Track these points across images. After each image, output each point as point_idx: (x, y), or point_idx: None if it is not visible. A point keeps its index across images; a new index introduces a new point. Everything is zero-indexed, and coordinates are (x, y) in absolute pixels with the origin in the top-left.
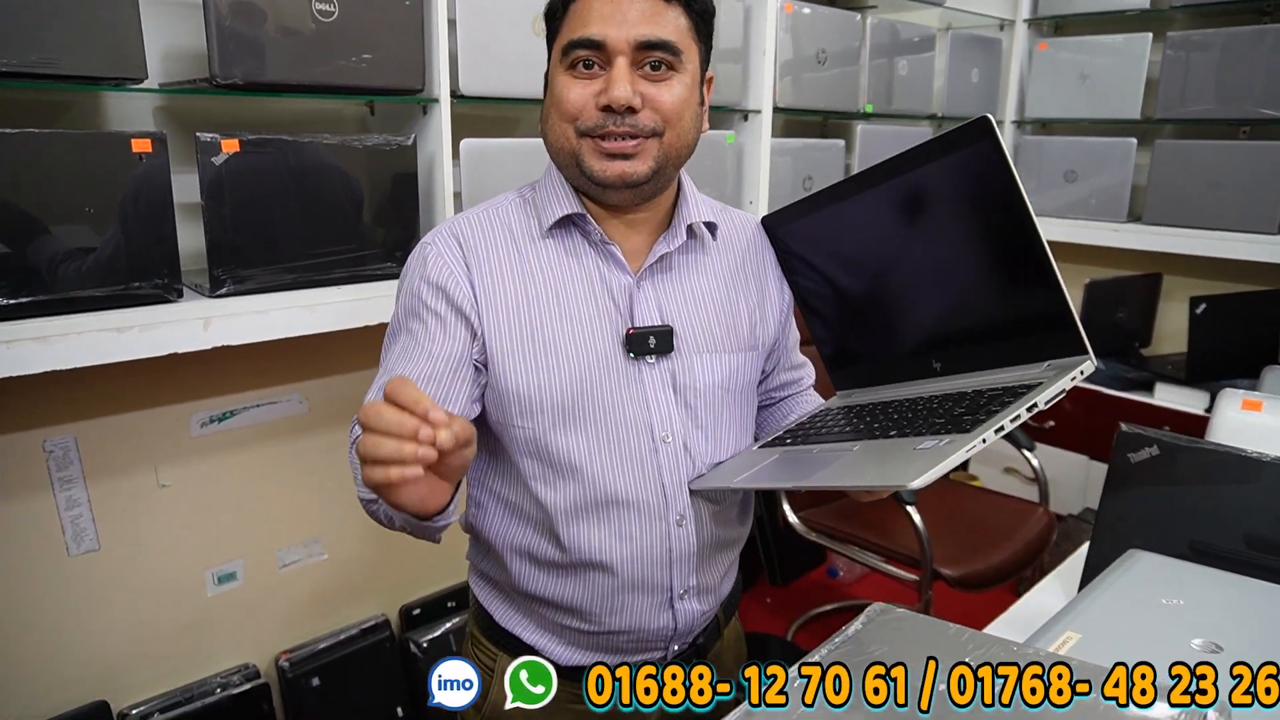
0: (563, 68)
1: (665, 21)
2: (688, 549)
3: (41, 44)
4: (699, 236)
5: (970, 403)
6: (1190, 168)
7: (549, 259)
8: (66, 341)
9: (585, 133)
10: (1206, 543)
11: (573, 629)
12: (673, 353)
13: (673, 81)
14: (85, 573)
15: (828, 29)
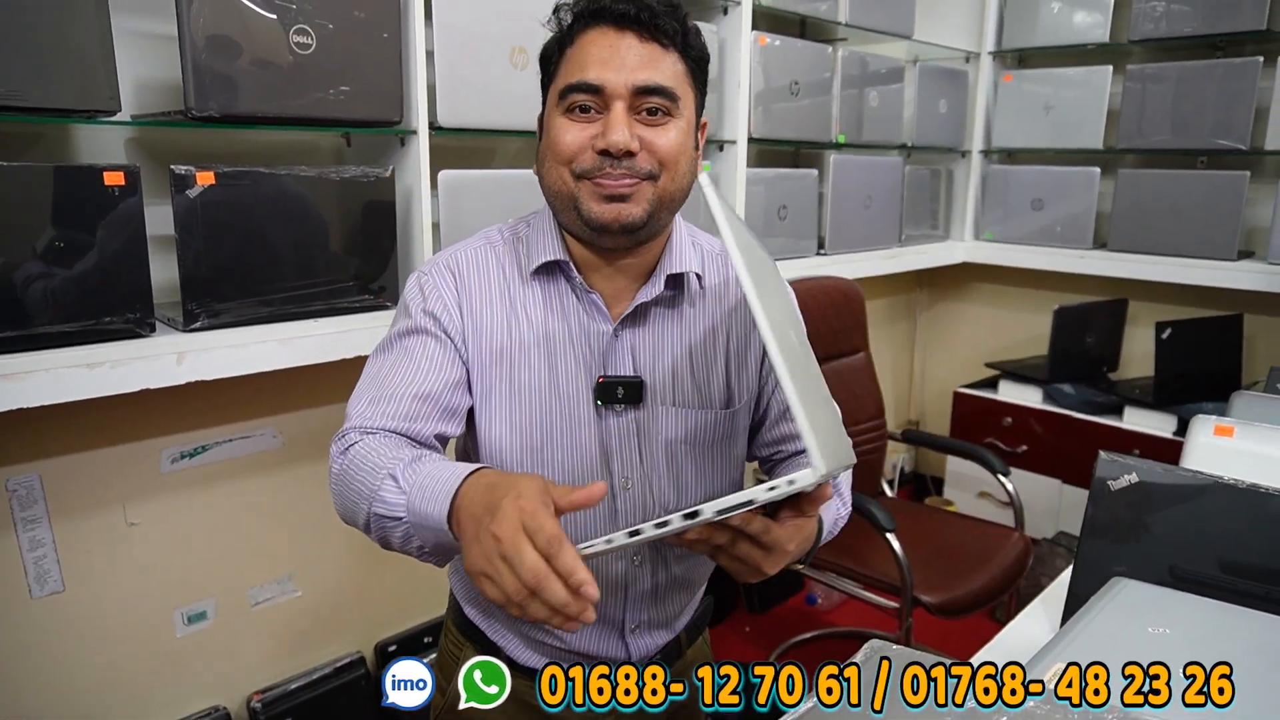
0: (559, 111)
1: (663, 67)
2: (643, 588)
3: (10, 76)
4: (685, 286)
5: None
6: (1152, 196)
7: (534, 302)
8: (34, 378)
9: (582, 175)
10: (1185, 568)
11: (533, 638)
12: (642, 404)
13: (669, 126)
14: (49, 615)
15: (800, 61)
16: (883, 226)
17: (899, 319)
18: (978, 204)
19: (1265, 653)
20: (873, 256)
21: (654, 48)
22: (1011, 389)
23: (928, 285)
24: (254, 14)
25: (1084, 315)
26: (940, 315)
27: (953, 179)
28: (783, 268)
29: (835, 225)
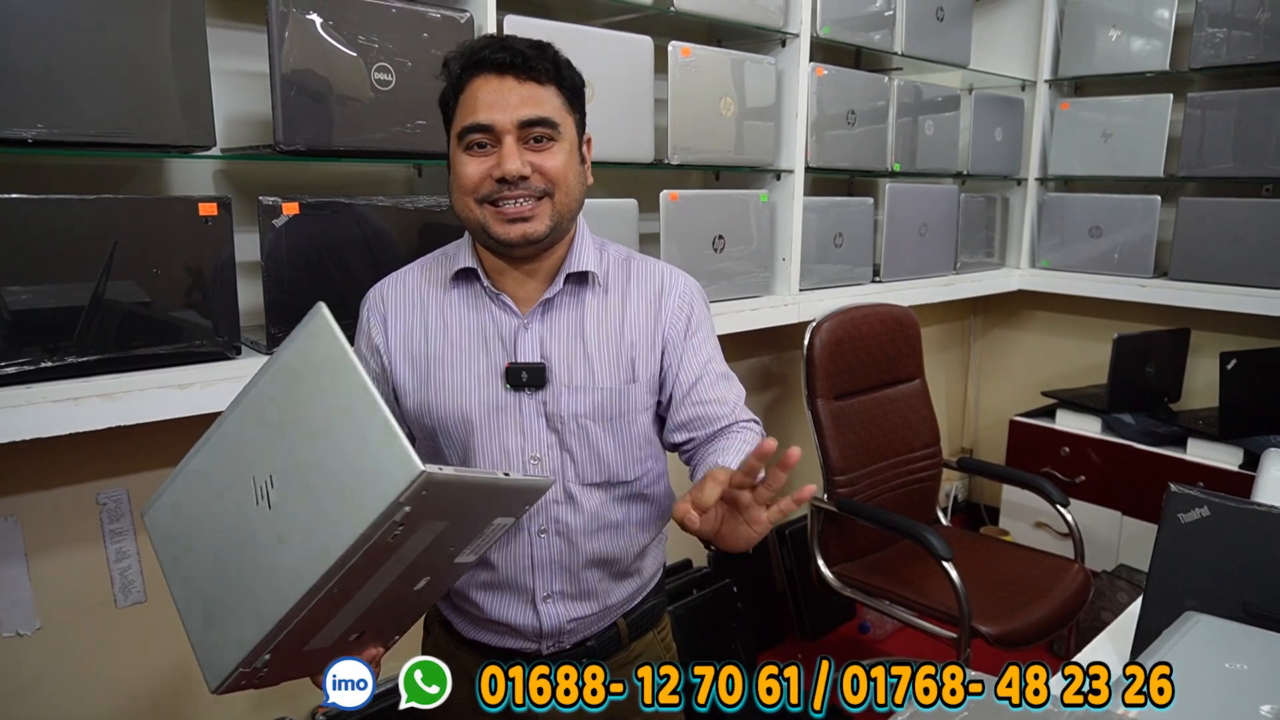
0: (460, 149)
1: (542, 101)
2: (548, 558)
3: (116, 115)
4: (587, 284)
5: None
6: (1214, 224)
7: (450, 307)
8: (129, 398)
9: (484, 200)
10: (1259, 605)
11: (469, 613)
12: (546, 385)
13: (554, 150)
14: (132, 624)
15: (856, 91)
16: (938, 254)
17: (953, 346)
18: (1034, 231)
19: None
20: (928, 284)
21: (532, 86)
22: (1069, 418)
23: (983, 312)
24: (339, 53)
25: (1144, 344)
26: (995, 342)
27: (1009, 206)
28: (838, 295)
29: (890, 253)
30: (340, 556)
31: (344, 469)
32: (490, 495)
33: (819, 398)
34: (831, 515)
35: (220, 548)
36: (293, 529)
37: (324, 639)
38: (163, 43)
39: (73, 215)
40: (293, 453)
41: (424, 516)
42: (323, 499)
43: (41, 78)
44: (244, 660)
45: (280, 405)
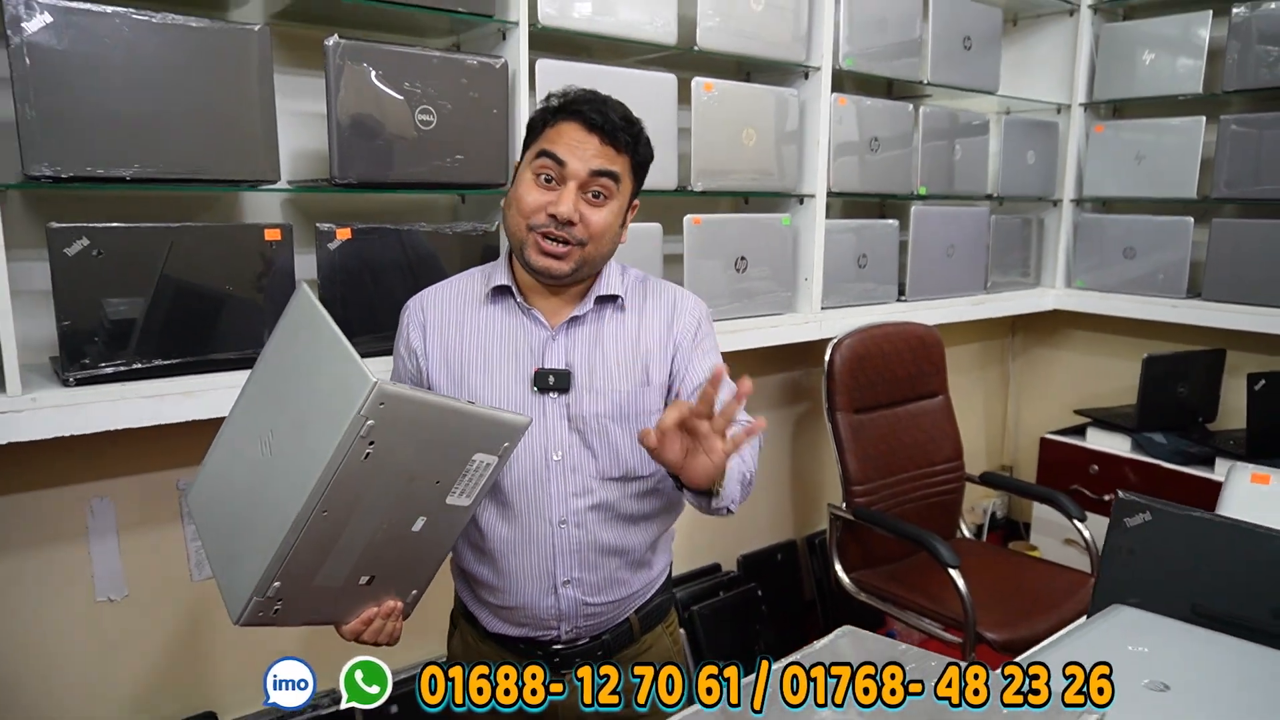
0: (530, 171)
1: (614, 162)
2: (568, 546)
3: (196, 155)
4: (612, 304)
5: None
6: (1248, 245)
7: (486, 318)
8: (206, 396)
9: (533, 228)
10: (1207, 606)
11: (491, 603)
12: (570, 390)
13: (604, 208)
14: (205, 597)
15: (880, 118)
16: (967, 274)
17: (991, 364)
18: (1069, 252)
19: (1223, 674)
20: (956, 303)
21: (610, 150)
22: (1100, 436)
23: (1021, 331)
24: (388, 97)
25: (1176, 364)
26: (1034, 361)
27: (1044, 227)
28: (860, 314)
29: (916, 273)
30: (320, 476)
31: (320, 403)
32: (455, 421)
33: (839, 411)
34: (849, 524)
35: (237, 503)
36: (285, 466)
37: (332, 576)
38: (237, 93)
39: (161, 240)
40: (285, 403)
41: (392, 435)
42: (305, 433)
43: (136, 126)
44: (256, 589)
45: (276, 368)
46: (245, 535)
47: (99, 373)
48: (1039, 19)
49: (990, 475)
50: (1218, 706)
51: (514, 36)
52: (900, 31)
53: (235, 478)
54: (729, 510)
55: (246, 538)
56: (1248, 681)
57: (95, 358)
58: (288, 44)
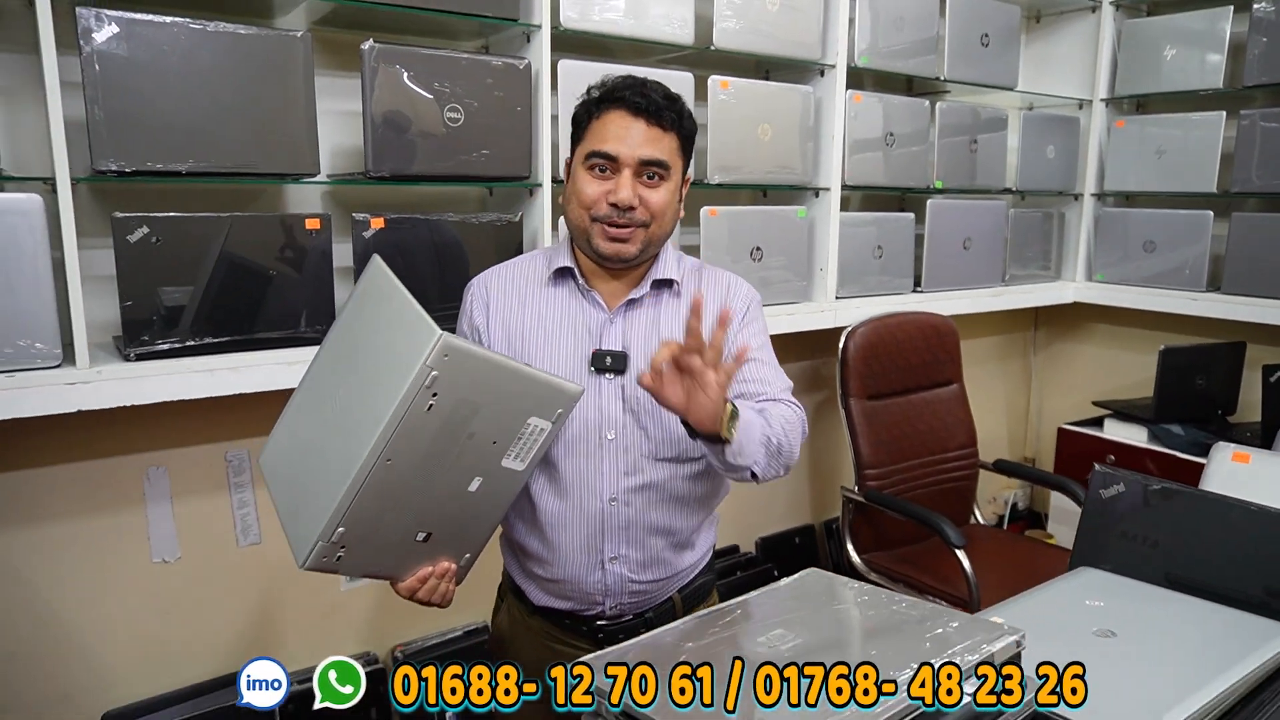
0: (584, 167)
1: (662, 144)
2: (616, 524)
3: (245, 151)
4: (668, 289)
5: None
6: (1268, 239)
7: (547, 299)
8: (251, 371)
9: (595, 219)
10: (1179, 574)
11: (539, 576)
12: (626, 371)
13: (661, 188)
14: (250, 561)
15: (895, 114)
16: (984, 266)
17: (1013, 356)
18: (1090, 245)
19: (1168, 625)
20: (973, 294)
21: (656, 130)
22: (1116, 427)
23: (1044, 325)
24: (418, 95)
25: (1195, 357)
26: (1056, 354)
27: (1065, 221)
28: (875, 303)
29: (932, 264)
30: (386, 423)
31: (388, 359)
32: (512, 381)
33: (852, 397)
34: (861, 506)
35: (306, 459)
36: (353, 419)
37: (393, 530)
38: (281, 94)
39: (213, 229)
40: (355, 365)
41: (453, 385)
42: (374, 387)
43: (191, 124)
44: (321, 534)
45: (347, 335)
46: (313, 486)
47: (156, 349)
48: (1062, 15)
49: (1003, 463)
50: (1153, 649)
51: (537, 38)
52: (918, 30)
53: (304, 437)
54: (753, 475)
55: (314, 488)
56: (1190, 631)
57: (153, 335)
58: (326, 48)
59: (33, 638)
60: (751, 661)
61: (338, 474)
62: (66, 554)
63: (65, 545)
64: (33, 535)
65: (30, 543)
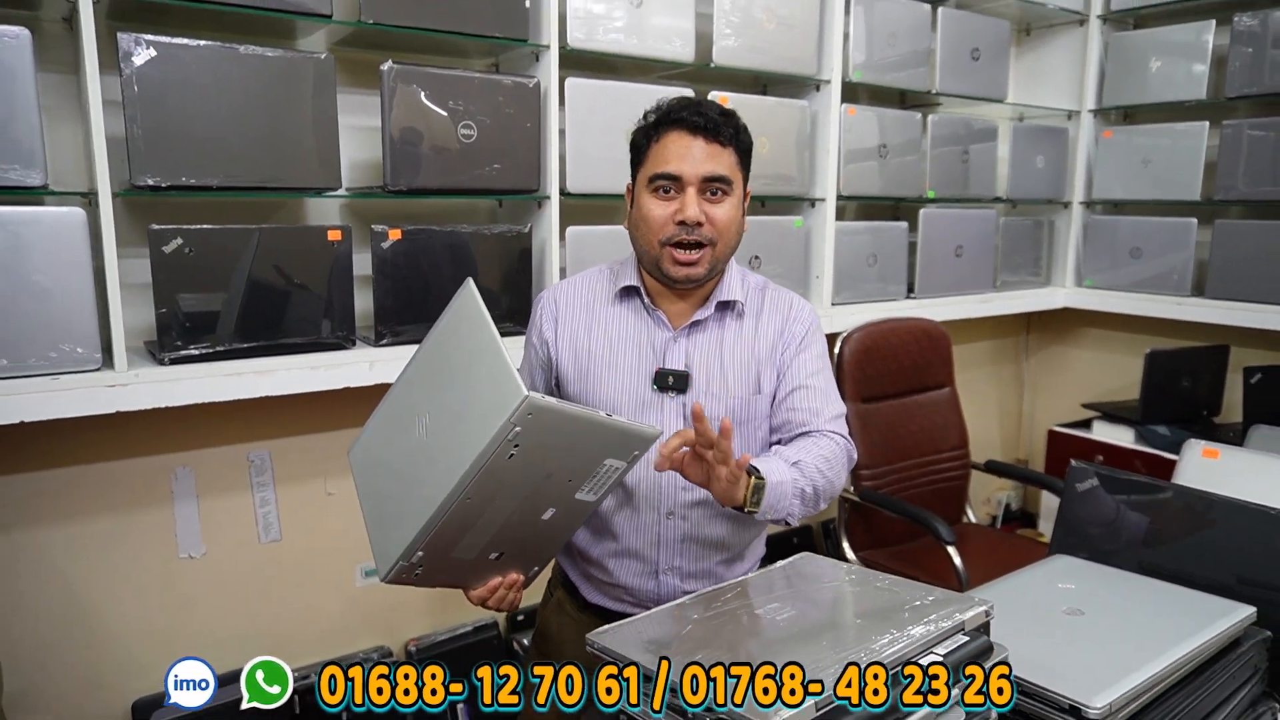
0: (648, 190)
1: (722, 160)
2: (673, 537)
3: (270, 166)
4: (731, 309)
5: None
6: (1250, 246)
7: (613, 316)
8: (276, 375)
9: (664, 242)
10: (1153, 563)
11: (595, 577)
12: (688, 391)
13: (725, 203)
14: (271, 558)
15: (889, 127)
16: (975, 273)
17: (1006, 361)
18: (1079, 252)
19: (1133, 605)
20: (964, 300)
21: (715, 147)
22: (1105, 429)
23: (1035, 329)
24: (434, 113)
25: (1179, 360)
26: (1048, 358)
27: (1054, 229)
28: (870, 309)
29: (925, 272)
30: (467, 468)
31: (475, 401)
32: (592, 431)
33: (847, 399)
34: (856, 505)
35: (393, 472)
36: (438, 451)
37: (467, 550)
38: (305, 112)
39: (242, 240)
40: (443, 390)
41: (534, 440)
42: (459, 426)
43: (221, 141)
44: (402, 555)
45: (438, 358)
46: (398, 505)
47: (189, 353)
48: (1051, 29)
49: (995, 463)
50: (1117, 625)
51: (546, 58)
52: (910, 44)
53: (392, 449)
54: (788, 522)
55: (398, 507)
56: (1153, 610)
57: (186, 340)
58: (344, 67)
59: (68, 628)
60: (750, 632)
61: (421, 502)
62: (99, 549)
63: (98, 541)
64: (68, 531)
65: (65, 538)
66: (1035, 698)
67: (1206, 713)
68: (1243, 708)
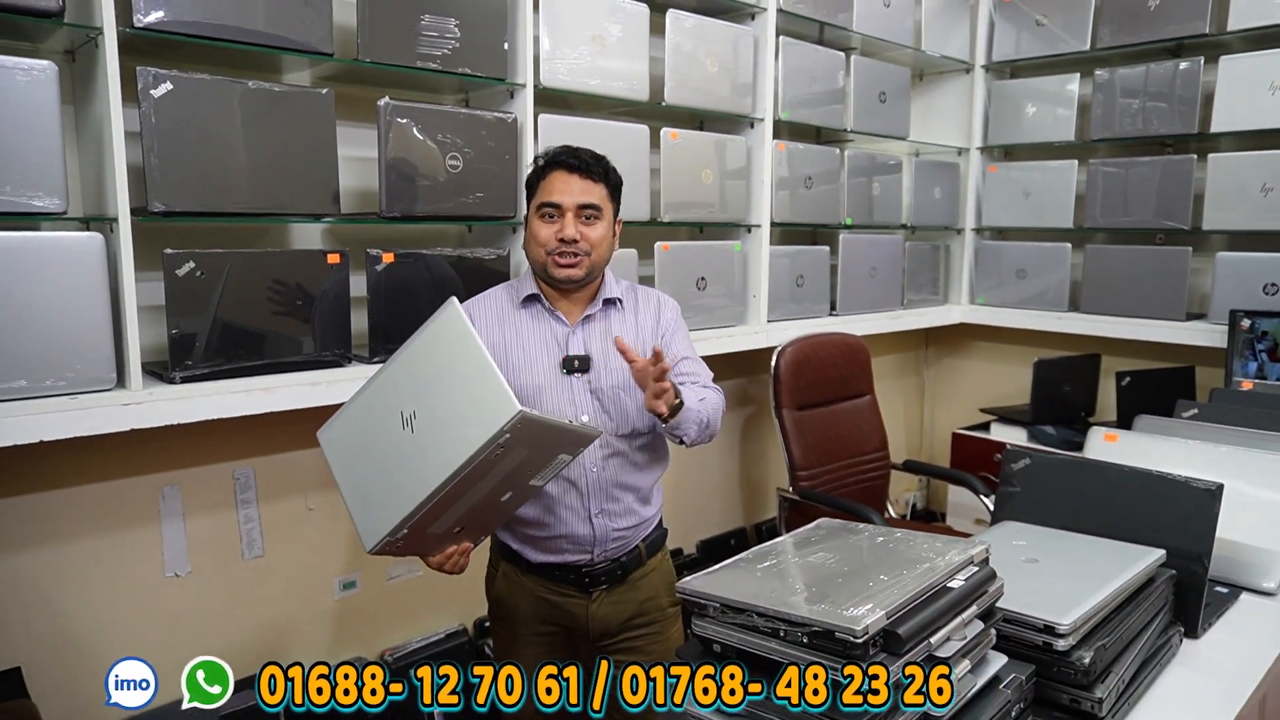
0: (536, 216)
1: (594, 192)
2: (598, 485)
3: (271, 193)
4: (614, 305)
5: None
6: (1116, 267)
7: (520, 320)
8: (281, 392)
9: (549, 252)
10: (1075, 528)
11: (535, 537)
12: (590, 370)
13: (596, 225)
14: (254, 573)
15: (812, 160)
16: (886, 292)
17: (909, 373)
18: (972, 273)
19: (1075, 553)
20: (878, 317)
21: (588, 183)
22: (1001, 430)
23: (934, 343)
24: (425, 145)
25: (1061, 367)
26: (946, 369)
27: (949, 252)
28: (799, 325)
29: (844, 291)
30: (460, 465)
31: (465, 408)
32: (561, 435)
33: (784, 408)
34: (795, 503)
35: (378, 458)
36: (429, 447)
37: (439, 526)
38: (308, 145)
39: (249, 263)
40: (432, 396)
41: (516, 444)
42: (451, 428)
43: (231, 169)
44: (390, 531)
45: (425, 364)
46: (386, 489)
47: (198, 372)
48: (941, 75)
49: (912, 462)
50: (1066, 568)
51: (521, 95)
52: (827, 86)
53: (375, 438)
54: (683, 440)
55: (387, 492)
56: (1090, 556)
57: (196, 360)
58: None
59: (54, 650)
60: (815, 570)
61: (410, 488)
62: (86, 570)
63: (85, 561)
64: (55, 552)
65: (52, 559)
66: (1016, 623)
67: (1136, 632)
68: (1159, 630)
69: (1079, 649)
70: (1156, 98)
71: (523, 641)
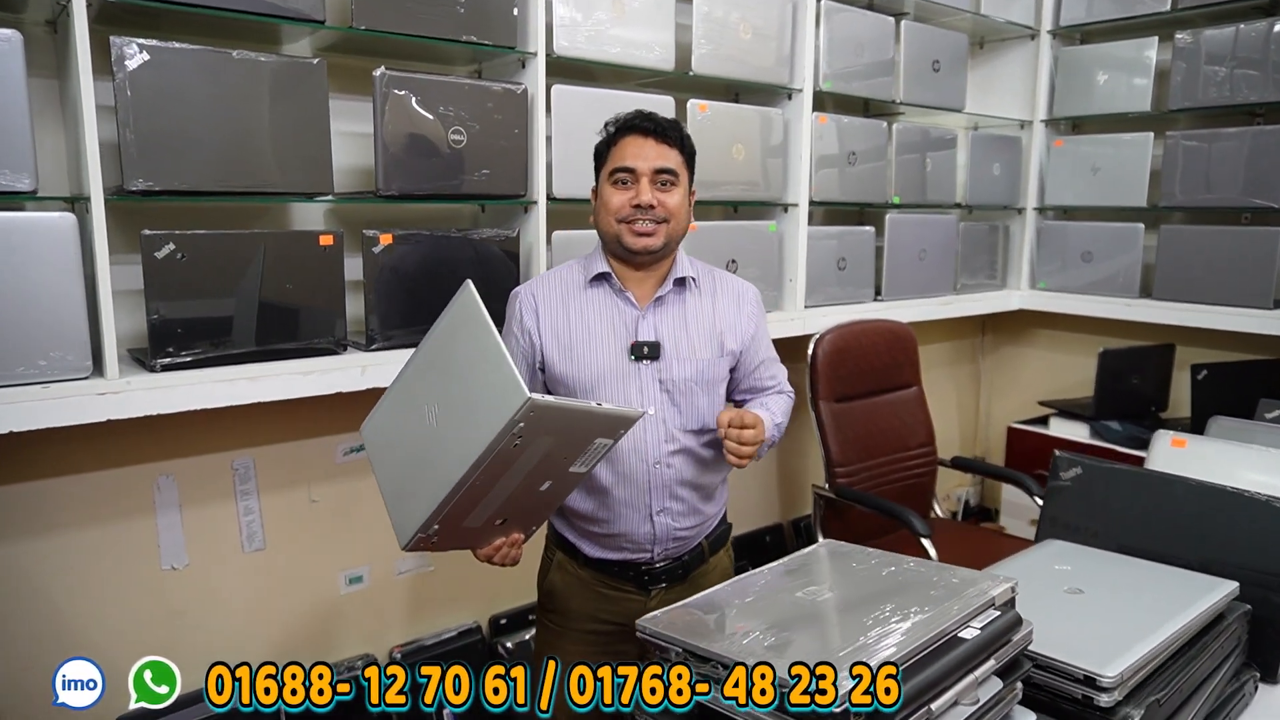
0: (609, 183)
1: (670, 157)
2: (660, 482)
3: (261, 171)
4: (687, 286)
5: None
6: (1192, 249)
7: (587, 300)
8: (269, 381)
9: (622, 221)
10: (1131, 545)
11: (593, 532)
12: (660, 358)
13: (674, 192)
14: (254, 567)
15: (856, 135)
16: (937, 276)
17: (964, 361)
18: (1033, 256)
19: (1125, 583)
20: (928, 303)
21: (664, 147)
22: (1061, 425)
23: (991, 331)
24: (425, 119)
25: (1129, 358)
26: (1004, 359)
27: (1009, 233)
28: (841, 311)
29: (891, 275)
30: (477, 458)
31: (479, 398)
32: (586, 419)
33: (821, 400)
34: (831, 501)
35: (408, 452)
36: (448, 439)
37: (476, 519)
38: (298, 120)
39: (234, 244)
40: (450, 385)
41: (536, 431)
42: (466, 420)
43: (214, 146)
44: (420, 527)
45: (443, 352)
46: (415, 485)
47: (180, 360)
48: (1004, 42)
49: (960, 459)
50: (1115, 602)
51: (532, 65)
52: (875, 55)
53: (404, 431)
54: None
55: (415, 487)
56: (1146, 588)
57: (177, 347)
58: (334, 73)
59: (48, 644)
60: (797, 608)
61: (434, 483)
62: (80, 562)
63: (79, 553)
64: (48, 544)
65: (46, 551)
66: (1050, 670)
67: (1200, 681)
68: (1229, 676)
69: (1127, 705)
70: (1246, 63)
71: (570, 637)
